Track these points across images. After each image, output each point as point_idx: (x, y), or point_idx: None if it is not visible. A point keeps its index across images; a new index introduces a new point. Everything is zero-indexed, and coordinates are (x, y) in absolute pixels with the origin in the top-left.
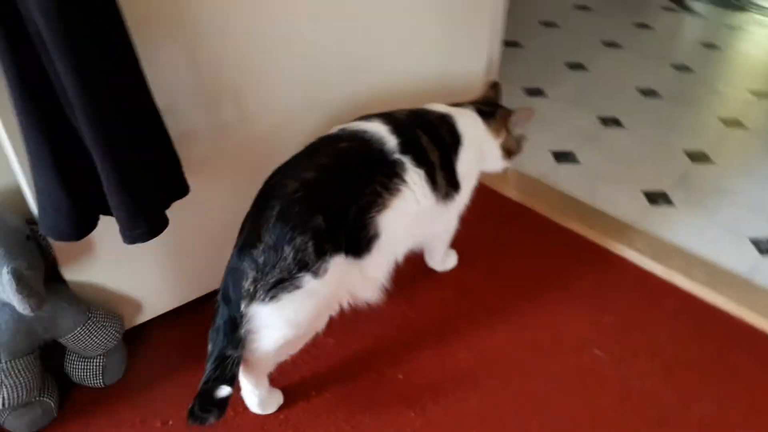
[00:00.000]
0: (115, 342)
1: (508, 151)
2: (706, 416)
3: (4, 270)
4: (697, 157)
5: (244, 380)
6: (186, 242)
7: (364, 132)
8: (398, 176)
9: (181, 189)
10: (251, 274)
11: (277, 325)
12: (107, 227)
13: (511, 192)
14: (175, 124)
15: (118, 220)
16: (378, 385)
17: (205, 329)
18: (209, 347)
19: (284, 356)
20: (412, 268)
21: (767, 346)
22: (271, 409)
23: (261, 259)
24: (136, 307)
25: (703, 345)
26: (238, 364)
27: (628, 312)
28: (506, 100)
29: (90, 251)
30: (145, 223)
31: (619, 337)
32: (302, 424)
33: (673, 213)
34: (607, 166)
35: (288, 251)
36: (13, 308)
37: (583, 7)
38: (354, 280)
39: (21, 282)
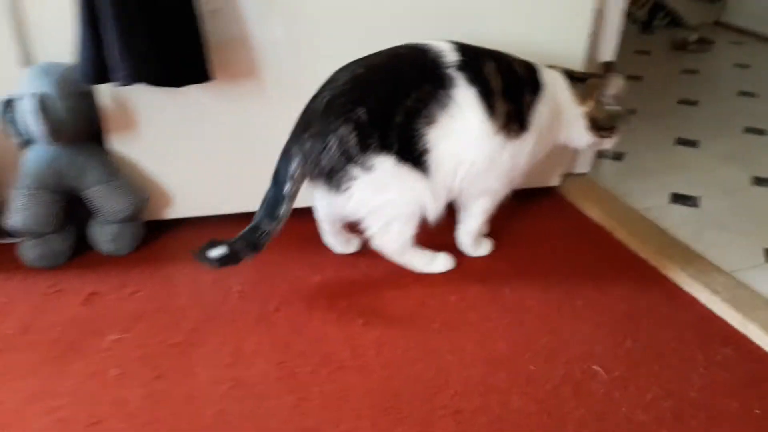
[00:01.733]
0: (129, 211)
1: (596, 125)
2: None
3: (29, 93)
4: None
5: (392, 256)
6: (225, 154)
7: (426, 44)
8: (447, 89)
9: (200, 73)
10: (297, 158)
11: (361, 209)
12: (152, 110)
13: (592, 210)
14: (220, 27)
15: (110, 59)
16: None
17: None
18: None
19: (403, 234)
20: None
21: None
22: (437, 269)
23: (307, 145)
24: (166, 200)
25: (749, 401)
26: (268, 236)
27: (662, 344)
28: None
29: (133, 127)
30: (130, 65)
31: (634, 364)
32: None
33: None
34: (732, 218)
35: (332, 141)
36: (50, 146)
37: None
38: (419, 185)
39: (41, 108)
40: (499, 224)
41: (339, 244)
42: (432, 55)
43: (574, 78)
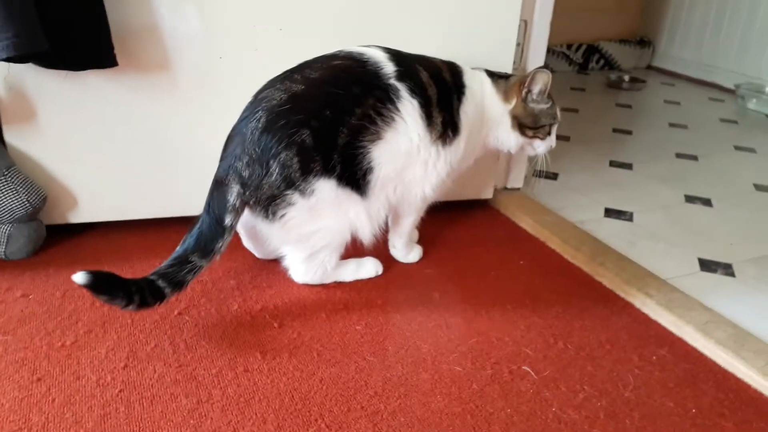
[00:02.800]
0: (23, 212)
1: (521, 124)
2: None
3: None
4: None
5: (318, 283)
6: (134, 154)
7: (361, 54)
8: (392, 102)
9: (100, 56)
10: (236, 188)
11: (290, 238)
12: (52, 101)
13: (525, 221)
14: (128, 13)
15: None
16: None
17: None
18: (177, 247)
19: (326, 263)
20: None
21: None
22: (366, 274)
23: (246, 173)
24: (71, 203)
25: (685, 400)
26: (194, 273)
27: (595, 346)
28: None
29: (33, 119)
30: (12, 34)
31: (565, 365)
32: None
33: (730, 284)
34: (666, 231)
35: (274, 166)
36: None
37: (730, 121)
38: (360, 213)
39: None
40: (430, 232)
41: (260, 250)
42: (371, 66)
43: (496, 76)
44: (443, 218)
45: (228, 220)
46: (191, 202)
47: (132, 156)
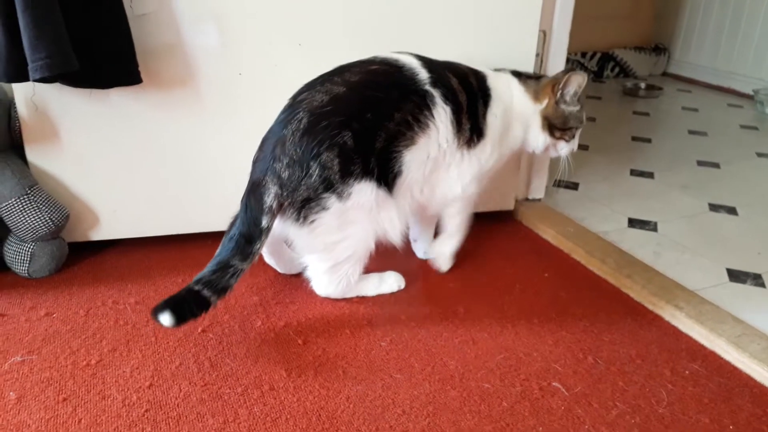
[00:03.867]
0: (46, 230)
1: (552, 125)
2: None
3: None
4: None
5: (341, 297)
6: (157, 170)
7: (396, 60)
8: (428, 108)
9: (126, 74)
10: (273, 189)
11: (317, 245)
12: (75, 119)
13: (548, 233)
14: (151, 32)
15: (25, 48)
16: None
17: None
18: (216, 252)
19: (350, 276)
20: None
21: None
22: (389, 289)
23: (285, 174)
24: (93, 220)
25: (720, 416)
26: (236, 277)
27: (626, 360)
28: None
29: (55, 138)
30: (45, 55)
31: (596, 380)
32: None
33: (760, 295)
34: (692, 241)
35: (314, 168)
36: None
37: (749, 127)
38: (384, 209)
39: None
40: None
41: (282, 264)
42: (407, 71)
43: (524, 76)
44: (469, 232)
45: (265, 222)
46: (212, 218)
47: (153, 173)
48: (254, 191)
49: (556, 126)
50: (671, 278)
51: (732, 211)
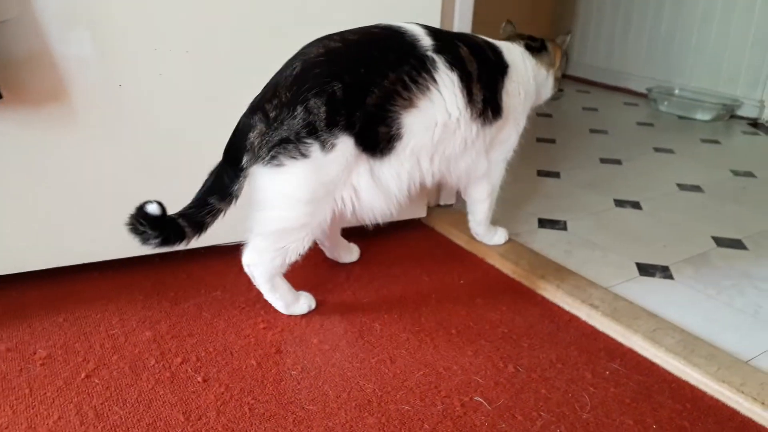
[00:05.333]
0: None
1: (557, 82)
2: None
3: None
4: (727, 244)
5: (259, 285)
6: (29, 197)
7: (400, 27)
8: (428, 72)
9: None
10: (259, 126)
11: (274, 199)
12: None
13: (461, 238)
14: (13, 40)
15: None
16: None
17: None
18: (197, 191)
19: (288, 252)
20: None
21: None
22: (299, 310)
23: (273, 114)
24: None
25: (643, 416)
26: (213, 216)
27: (546, 366)
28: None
29: None
30: None
31: (518, 390)
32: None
33: (670, 287)
34: (600, 238)
35: (299, 110)
36: None
37: (646, 124)
38: (363, 180)
39: None
40: (365, 257)
41: (338, 251)
42: (409, 37)
43: (532, 48)
44: (378, 241)
45: (245, 160)
46: (98, 246)
47: (25, 200)
48: (241, 129)
49: (558, 79)
50: (584, 276)
51: (636, 205)
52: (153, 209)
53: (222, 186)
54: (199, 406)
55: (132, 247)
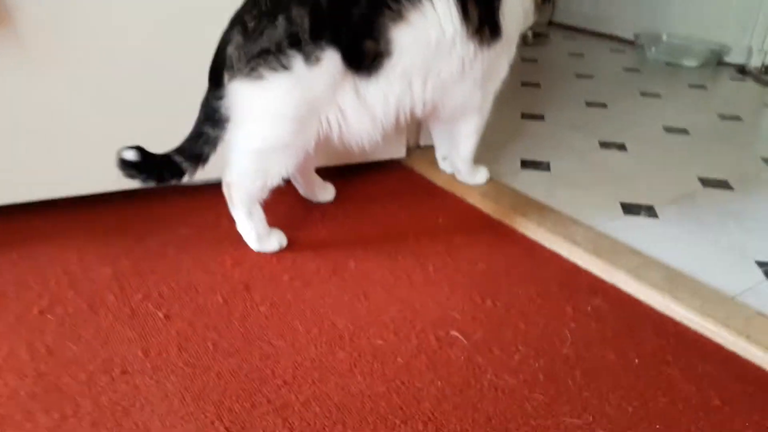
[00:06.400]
0: None
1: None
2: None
3: None
4: (713, 184)
5: (236, 208)
6: None
7: None
8: None
9: None
10: (237, 38)
11: (256, 115)
12: None
13: (441, 178)
14: None
15: None
16: None
17: None
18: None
19: (270, 174)
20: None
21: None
22: (270, 247)
23: (251, 24)
24: None
25: (625, 350)
26: (211, 144)
27: (526, 302)
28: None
29: None
30: None
31: (496, 325)
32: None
33: (655, 225)
34: (583, 177)
35: (280, 20)
36: None
37: (632, 69)
38: (349, 100)
39: None
40: (342, 196)
41: (305, 187)
42: None
43: None
44: (356, 182)
45: (227, 77)
46: (62, 180)
47: None
48: (220, 45)
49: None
50: (567, 215)
51: (621, 147)
52: (130, 156)
53: (212, 111)
54: (159, 342)
55: (93, 183)
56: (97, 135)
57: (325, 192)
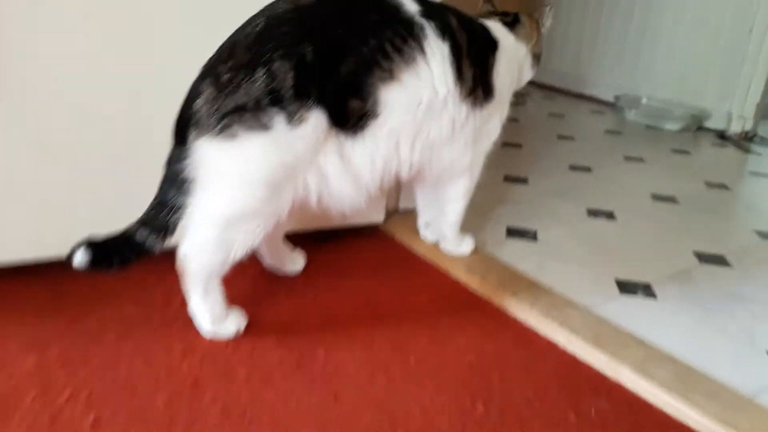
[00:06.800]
0: None
1: (537, 58)
2: None
3: None
4: (710, 260)
5: (190, 284)
6: None
7: None
8: (416, 40)
9: None
10: (208, 91)
11: (223, 178)
12: None
13: (422, 247)
14: None
15: None
16: None
17: None
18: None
19: (234, 246)
20: None
21: None
22: (226, 332)
23: (226, 77)
24: None
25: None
26: (177, 212)
27: (522, 405)
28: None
29: None
30: None
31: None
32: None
33: (654, 307)
34: (573, 249)
35: (260, 73)
36: None
37: (614, 132)
38: (331, 161)
39: None
40: (313, 268)
41: (272, 256)
42: (392, 1)
43: (507, 23)
44: (328, 250)
45: (193, 134)
46: None
47: None
48: (187, 98)
49: (539, 57)
50: (560, 294)
51: (610, 216)
52: (80, 260)
53: (175, 174)
54: None
55: (27, 249)
56: (36, 190)
57: (294, 263)
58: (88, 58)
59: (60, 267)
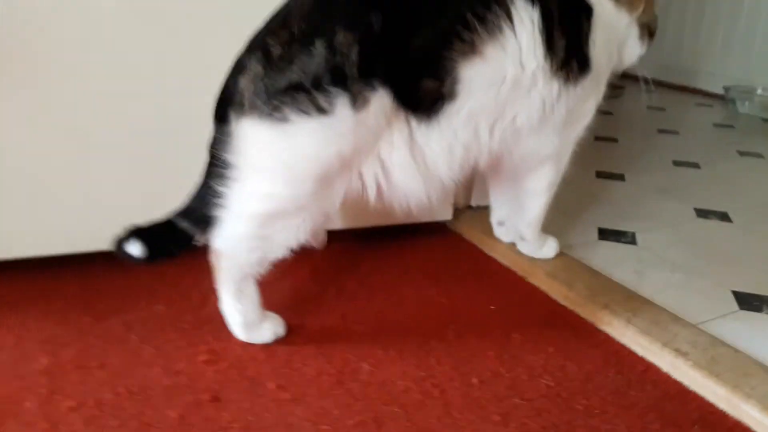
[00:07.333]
0: None
1: (650, 30)
2: None
3: None
4: None
5: (222, 284)
6: None
7: None
8: (501, 6)
9: None
10: (255, 68)
11: (267, 166)
12: None
13: (497, 250)
14: None
15: None
16: None
17: None
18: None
19: (273, 244)
20: None
21: None
22: (261, 338)
23: (277, 51)
24: None
25: None
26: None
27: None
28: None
29: None
30: None
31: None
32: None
33: None
34: (680, 254)
35: (319, 47)
36: None
37: (724, 125)
38: (398, 150)
39: None
40: (367, 268)
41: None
42: None
43: None
44: (387, 250)
45: (235, 115)
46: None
47: None
48: (230, 74)
49: (652, 30)
50: (664, 307)
51: (724, 217)
52: (136, 251)
53: (217, 158)
54: None
55: (59, 242)
56: (67, 182)
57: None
58: (122, 43)
59: (96, 259)
